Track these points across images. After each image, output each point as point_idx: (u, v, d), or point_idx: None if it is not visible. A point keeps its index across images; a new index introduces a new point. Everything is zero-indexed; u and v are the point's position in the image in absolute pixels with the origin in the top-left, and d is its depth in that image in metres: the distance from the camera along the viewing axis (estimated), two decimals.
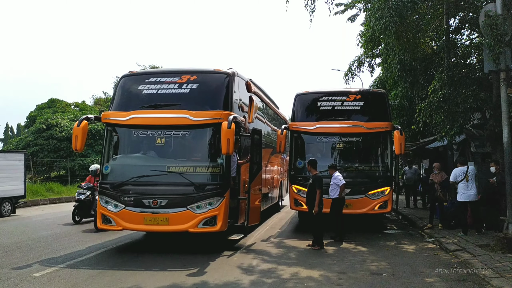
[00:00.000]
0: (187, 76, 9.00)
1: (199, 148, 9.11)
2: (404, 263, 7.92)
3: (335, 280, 6.71)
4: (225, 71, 9.16)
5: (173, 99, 8.84)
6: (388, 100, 12.53)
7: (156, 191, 8.31)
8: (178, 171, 8.43)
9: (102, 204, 8.66)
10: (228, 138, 7.78)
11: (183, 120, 8.45)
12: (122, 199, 8.42)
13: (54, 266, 7.62)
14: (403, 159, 20.26)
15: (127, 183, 8.50)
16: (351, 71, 18.10)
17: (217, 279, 6.74)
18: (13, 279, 6.79)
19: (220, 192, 8.29)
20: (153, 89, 8.98)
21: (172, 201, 8.21)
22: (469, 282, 6.63)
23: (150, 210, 8.22)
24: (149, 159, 8.94)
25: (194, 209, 8.17)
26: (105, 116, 9.07)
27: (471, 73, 12.15)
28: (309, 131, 11.73)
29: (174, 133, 8.76)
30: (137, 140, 9.21)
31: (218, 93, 8.93)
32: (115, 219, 8.48)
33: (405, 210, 15.49)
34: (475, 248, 8.59)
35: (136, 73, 9.67)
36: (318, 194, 9.09)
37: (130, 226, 8.46)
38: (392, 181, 11.52)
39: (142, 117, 8.69)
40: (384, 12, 10.82)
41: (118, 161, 9.12)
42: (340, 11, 17.70)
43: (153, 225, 8.26)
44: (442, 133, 11.61)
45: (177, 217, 8.17)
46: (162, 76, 9.13)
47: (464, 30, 14.35)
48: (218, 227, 8.21)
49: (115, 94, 9.40)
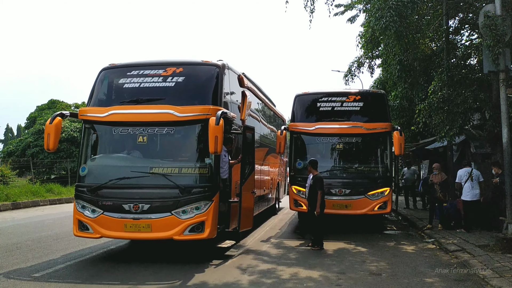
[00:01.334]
0: (173, 68, 8.28)
1: (185, 146, 8.40)
2: (403, 263, 7.92)
3: (335, 281, 6.72)
4: (214, 62, 8.43)
5: (157, 93, 8.14)
6: (387, 100, 12.56)
7: (138, 194, 7.61)
8: (161, 172, 7.69)
9: (79, 209, 7.91)
10: (216, 136, 7.10)
11: (167, 116, 7.73)
12: (100, 203, 7.69)
13: (54, 266, 7.62)
14: (402, 160, 20.28)
15: (105, 186, 7.76)
16: (351, 72, 18.15)
17: (216, 279, 6.73)
18: (12, 280, 6.78)
19: (208, 195, 7.58)
20: (135, 82, 8.28)
21: (155, 205, 7.51)
22: (468, 283, 6.63)
23: (131, 215, 7.48)
24: (130, 160, 8.23)
25: (180, 215, 7.45)
26: (82, 112, 8.30)
27: (470, 74, 12.16)
28: (308, 131, 11.74)
29: (158, 130, 8.00)
30: (117, 139, 8.47)
31: (206, 87, 8.26)
32: (92, 226, 7.73)
33: (405, 211, 15.50)
34: (475, 249, 8.60)
35: (117, 65, 8.84)
36: (319, 195, 9.07)
37: (109, 233, 7.71)
38: (391, 182, 11.55)
39: (122, 113, 7.99)
40: (384, 12, 10.85)
41: (96, 162, 8.37)
42: (339, 12, 17.79)
43: (134, 232, 7.53)
44: (442, 133, 11.62)
45: (161, 223, 7.46)
46: (145, 68, 8.42)
47: (463, 31, 14.40)
48: (206, 234, 7.49)
49: (94, 88, 8.61)
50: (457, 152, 15.28)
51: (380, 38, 13.09)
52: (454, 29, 14.12)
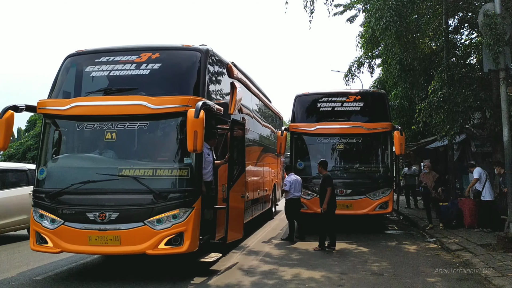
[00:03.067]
0: (148, 53, 7.22)
1: (161, 144, 7.28)
2: (405, 263, 7.91)
3: (337, 281, 6.71)
4: (196, 47, 7.33)
5: (129, 82, 7.07)
6: (388, 100, 12.56)
7: (104, 201, 6.53)
8: (133, 174, 6.63)
9: (36, 219, 6.80)
10: (196, 131, 6.08)
11: (139, 109, 6.66)
12: (61, 212, 6.59)
13: (56, 269, 7.61)
14: (403, 160, 20.28)
15: (66, 192, 6.67)
16: (351, 72, 18.15)
17: (218, 280, 6.73)
18: (14, 283, 6.78)
19: (188, 202, 6.51)
20: (104, 70, 7.21)
21: (125, 214, 6.42)
22: (470, 282, 6.62)
23: (96, 226, 6.40)
24: (96, 160, 7.09)
25: (154, 225, 6.38)
26: (41, 105, 7.15)
27: (470, 73, 12.17)
28: (309, 132, 11.74)
29: (129, 125, 6.88)
30: (81, 136, 7.37)
31: (187, 75, 7.18)
32: (51, 239, 6.62)
33: (406, 211, 15.48)
34: (477, 248, 8.59)
35: (84, 51, 7.69)
36: (329, 192, 9.12)
37: (71, 247, 6.57)
38: (392, 182, 11.55)
39: (87, 106, 6.91)
40: (384, 12, 10.86)
41: (56, 163, 7.23)
42: (339, 12, 17.78)
43: (100, 245, 6.42)
44: (443, 133, 11.63)
45: (132, 235, 6.37)
46: (116, 54, 7.33)
47: (463, 30, 14.41)
48: (186, 247, 6.41)
49: (57, 78, 7.50)
50: (458, 151, 15.28)
51: (380, 38, 13.09)
52: (453, 28, 14.13)
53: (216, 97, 7.79)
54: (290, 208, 10.55)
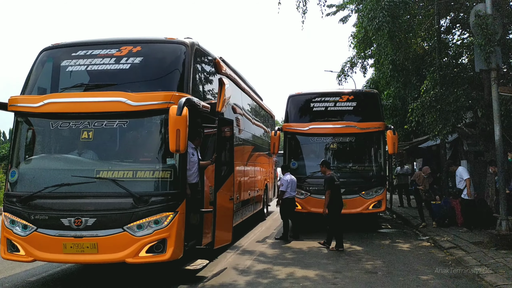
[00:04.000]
0: (129, 47, 6.78)
1: (141, 144, 6.86)
2: (399, 261, 7.96)
3: (331, 279, 6.74)
4: (180, 40, 6.91)
5: (108, 77, 6.67)
6: (380, 100, 12.66)
7: (80, 205, 6.09)
8: (111, 177, 6.16)
9: (7, 225, 6.34)
10: (178, 129, 5.72)
11: (118, 106, 6.21)
12: (33, 217, 6.13)
13: (49, 270, 7.56)
14: (396, 159, 20.39)
15: (39, 195, 6.23)
16: (344, 72, 18.21)
17: (212, 280, 6.73)
18: (8, 284, 6.73)
19: (171, 205, 6.10)
20: (81, 65, 6.74)
21: (103, 219, 5.98)
22: (463, 279, 6.69)
23: (72, 232, 5.96)
24: (71, 161, 6.60)
25: (134, 231, 5.95)
26: (13, 102, 6.64)
27: (462, 73, 12.26)
28: (302, 132, 11.78)
29: (107, 124, 6.39)
30: (56, 135, 6.84)
31: (170, 70, 6.78)
32: (23, 246, 6.17)
33: (399, 209, 15.57)
34: (469, 246, 8.67)
35: (60, 44, 7.22)
36: (327, 195, 9.14)
37: (44, 256, 6.14)
38: (385, 181, 11.64)
39: (62, 102, 6.42)
40: (376, 12, 10.92)
41: (28, 165, 6.76)
42: (332, 13, 17.84)
43: (75, 253, 5.98)
44: (435, 132, 11.71)
45: (110, 242, 5.94)
46: (94, 48, 6.87)
47: (455, 30, 14.50)
48: (169, 255, 5.99)
49: (31, 73, 7.03)
50: (450, 150, 15.41)
51: (372, 38, 13.16)
52: (445, 29, 14.22)
53: (203, 94, 7.40)
54: (285, 207, 10.58)
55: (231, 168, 7.98)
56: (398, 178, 17.20)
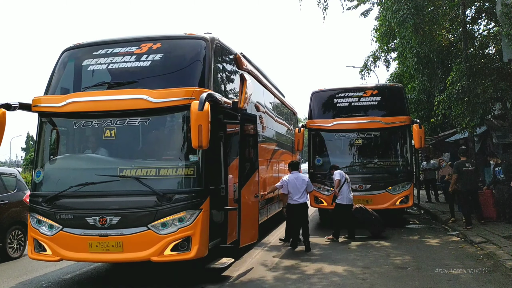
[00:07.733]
0: (149, 44, 6.75)
1: (164, 141, 6.80)
2: (428, 256, 7.86)
3: (360, 275, 6.72)
4: (201, 35, 6.82)
5: (129, 75, 6.64)
6: (405, 94, 12.48)
7: (105, 204, 6.14)
8: (134, 175, 6.17)
9: (33, 225, 6.42)
10: (200, 124, 5.62)
11: (139, 103, 6.18)
12: (59, 217, 6.19)
13: (84, 268, 7.76)
14: (422, 154, 20.08)
15: (64, 195, 6.28)
16: (367, 66, 18.05)
17: (241, 276, 6.80)
18: (43, 282, 6.93)
19: (195, 203, 6.03)
20: (102, 63, 6.78)
21: (127, 218, 5.99)
22: (496, 273, 6.56)
23: (97, 231, 5.99)
24: (95, 160, 6.66)
25: (158, 229, 5.93)
26: (36, 103, 6.67)
27: (489, 63, 11.99)
28: (326, 128, 11.73)
29: (129, 121, 6.36)
30: (79, 134, 6.88)
31: (191, 66, 6.71)
32: (50, 246, 6.23)
33: (427, 205, 15.34)
34: (501, 240, 8.48)
35: (82, 44, 7.25)
36: None
37: (70, 255, 6.20)
38: (412, 176, 11.46)
39: (83, 101, 6.42)
40: (400, 4, 10.80)
41: (53, 165, 6.80)
42: (353, 6, 17.66)
43: (101, 252, 6.01)
44: (463, 125, 11.51)
45: (135, 240, 5.94)
46: (115, 46, 6.89)
47: (481, 20, 14.17)
48: (194, 253, 5.94)
49: (53, 74, 7.08)
50: (478, 143, 15.07)
51: (396, 31, 13.01)
52: (471, 19, 13.92)
53: (224, 90, 7.27)
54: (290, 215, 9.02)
55: (255, 165, 7.79)
56: (424, 173, 16.93)
